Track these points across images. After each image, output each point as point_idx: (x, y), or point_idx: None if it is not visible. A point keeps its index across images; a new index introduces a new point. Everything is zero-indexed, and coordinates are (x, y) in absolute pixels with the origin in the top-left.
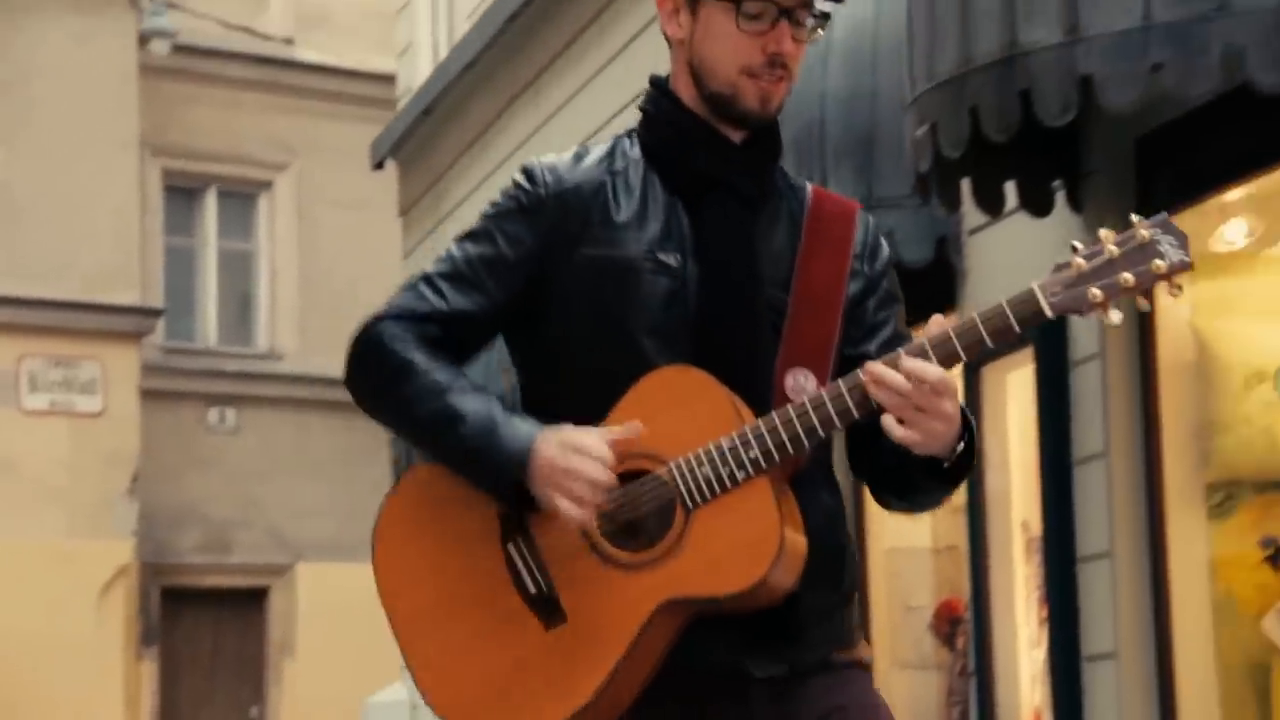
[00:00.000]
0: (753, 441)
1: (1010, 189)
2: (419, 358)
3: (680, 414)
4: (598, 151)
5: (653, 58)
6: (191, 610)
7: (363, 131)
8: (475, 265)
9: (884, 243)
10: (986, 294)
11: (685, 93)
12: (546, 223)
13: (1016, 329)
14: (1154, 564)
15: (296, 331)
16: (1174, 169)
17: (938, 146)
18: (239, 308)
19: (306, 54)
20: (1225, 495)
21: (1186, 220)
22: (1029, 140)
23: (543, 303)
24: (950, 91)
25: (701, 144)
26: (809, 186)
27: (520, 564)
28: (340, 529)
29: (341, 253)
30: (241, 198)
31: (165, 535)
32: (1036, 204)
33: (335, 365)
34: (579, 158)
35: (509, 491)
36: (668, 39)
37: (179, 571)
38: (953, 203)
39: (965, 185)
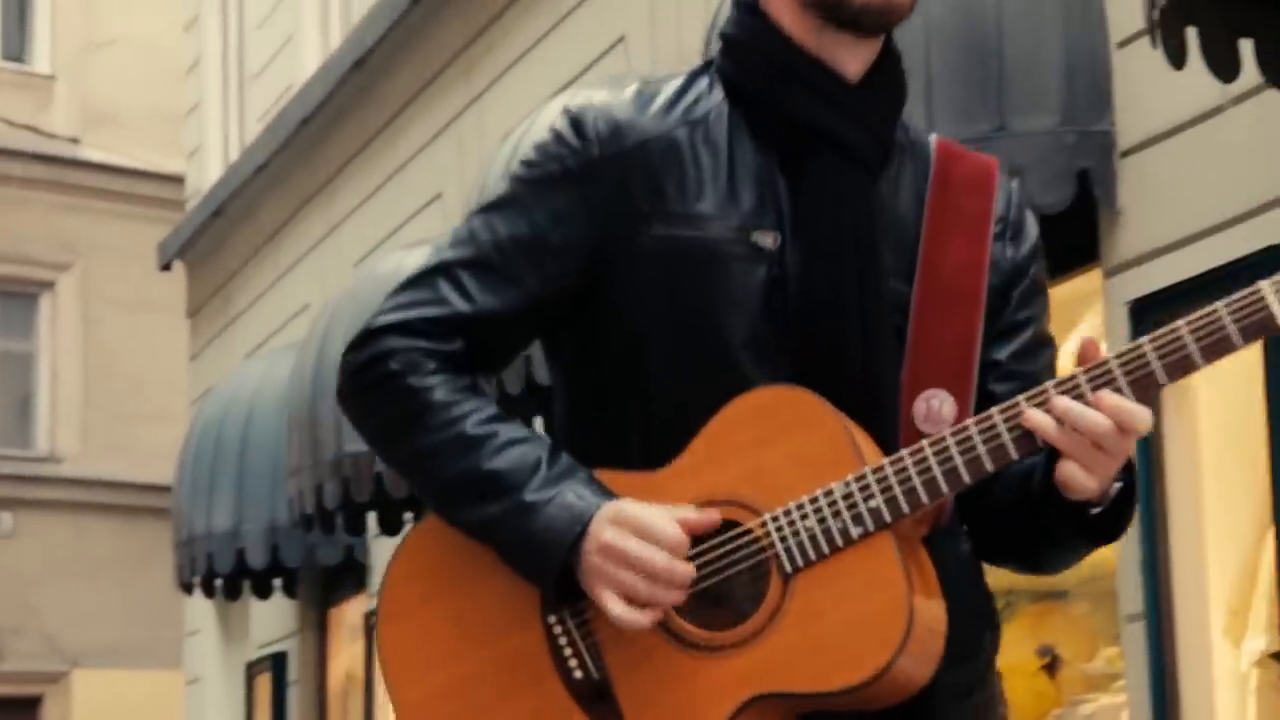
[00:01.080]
0: (874, 487)
1: None
2: (438, 394)
3: (781, 449)
4: (668, 91)
5: (447, 162)
6: None
7: (149, 232)
8: (507, 250)
9: (1029, 215)
10: None
11: (782, 13)
12: (601, 193)
13: (1239, 342)
14: None
15: (77, 434)
16: None
17: None
18: (18, 409)
19: (92, 153)
20: (1004, 603)
21: None
22: None
23: (596, 300)
24: None
25: (805, 82)
26: (933, 140)
27: (564, 642)
28: (119, 634)
29: (125, 354)
30: (22, 298)
31: None
32: None
33: (117, 468)
34: (644, 100)
35: (552, 584)
36: None
37: None
38: None
39: None
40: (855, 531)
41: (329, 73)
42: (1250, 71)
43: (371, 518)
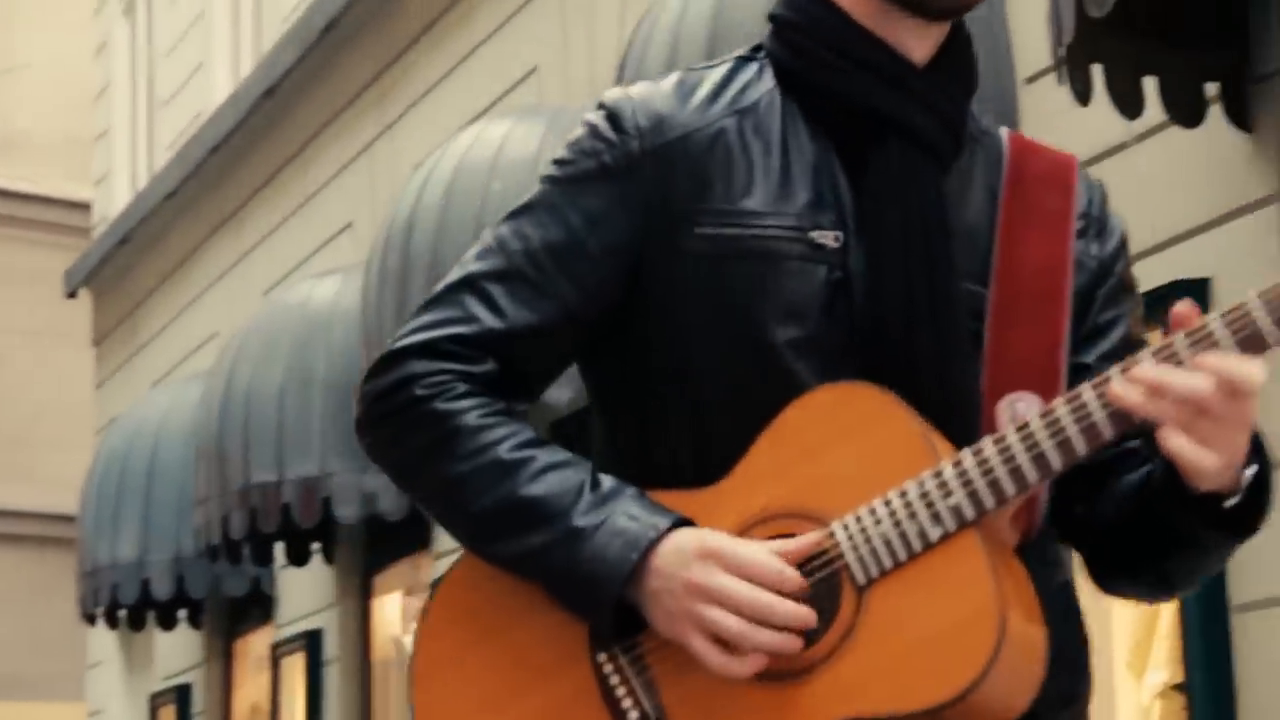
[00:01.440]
0: (953, 482)
1: None
2: (469, 419)
3: (846, 451)
4: (712, 79)
5: (359, 191)
6: None
7: (55, 259)
8: (540, 259)
9: (1114, 215)
10: None
11: None
12: (643, 191)
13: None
14: None
15: None
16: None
17: None
18: None
19: None
20: None
21: None
22: None
23: (639, 310)
24: None
25: (867, 64)
26: (1004, 134)
27: (617, 681)
28: (21, 666)
29: (30, 382)
30: None
31: None
32: None
33: (21, 497)
34: (686, 90)
35: (608, 621)
36: None
37: None
38: None
39: None
40: (934, 533)
41: (239, 100)
42: (1154, 108)
43: (279, 548)
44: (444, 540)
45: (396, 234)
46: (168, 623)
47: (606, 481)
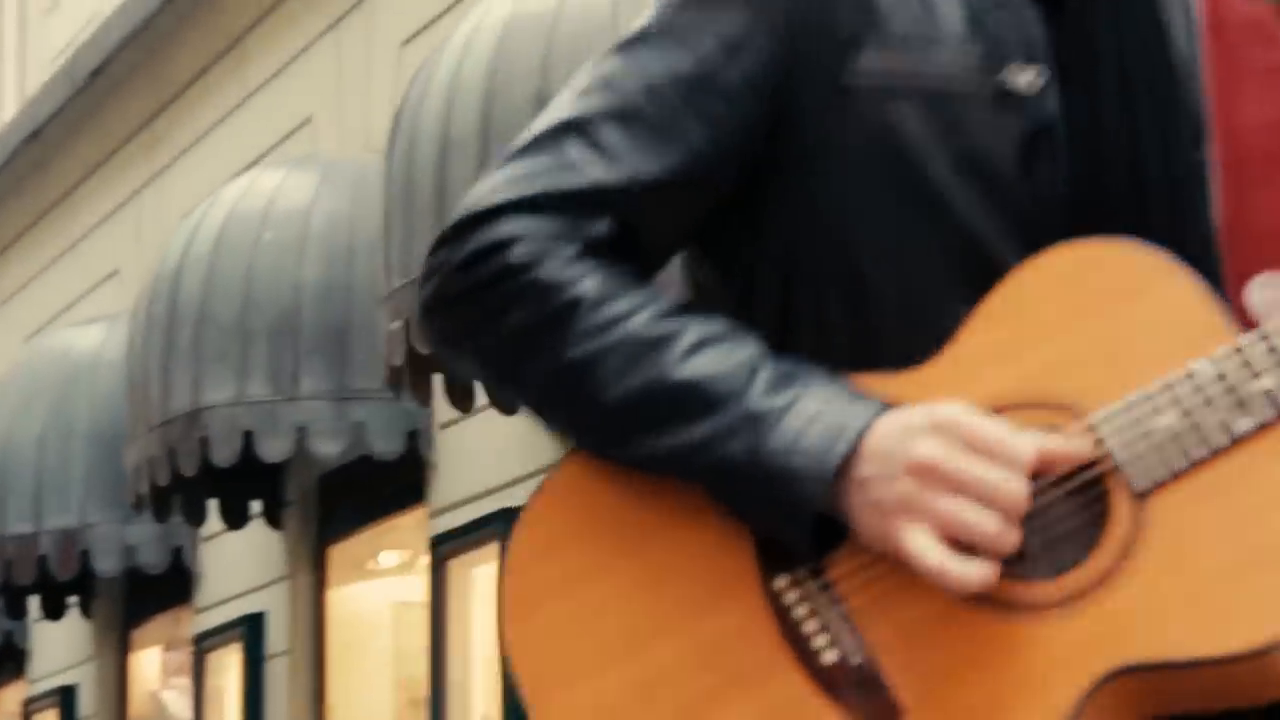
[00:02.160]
0: (1261, 360)
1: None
2: (588, 285)
3: (1104, 324)
4: None
5: (125, 239)
6: None
7: None
8: (664, 93)
9: None
10: (455, 487)
11: None
12: (791, 11)
13: None
14: None
15: None
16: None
17: (410, 342)
18: None
19: None
20: None
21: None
22: None
23: (782, 162)
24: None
25: None
26: None
27: (804, 613)
28: None
29: None
30: None
31: None
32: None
33: None
34: None
35: (807, 529)
36: None
37: None
38: (424, 397)
39: (437, 381)
40: (1240, 425)
41: (2, 143)
42: None
43: (33, 601)
44: (206, 594)
45: (164, 283)
46: None
47: (782, 357)
